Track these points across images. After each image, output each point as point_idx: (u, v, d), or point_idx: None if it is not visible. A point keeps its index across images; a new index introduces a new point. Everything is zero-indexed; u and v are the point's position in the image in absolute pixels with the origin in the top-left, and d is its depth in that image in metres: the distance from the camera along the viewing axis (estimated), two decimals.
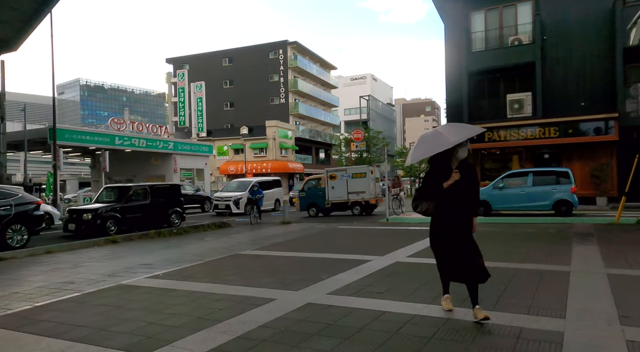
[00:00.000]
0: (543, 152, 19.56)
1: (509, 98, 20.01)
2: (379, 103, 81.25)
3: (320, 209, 18.98)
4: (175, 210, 15.80)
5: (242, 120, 50.81)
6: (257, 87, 53.05)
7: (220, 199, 21.42)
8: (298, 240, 11.05)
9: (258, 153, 47.96)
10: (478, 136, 21.72)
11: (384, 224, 14.51)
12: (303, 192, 19.52)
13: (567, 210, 15.00)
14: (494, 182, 16.36)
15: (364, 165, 19.61)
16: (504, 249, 8.41)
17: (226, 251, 9.46)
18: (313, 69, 57.38)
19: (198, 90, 35.29)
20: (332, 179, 18.58)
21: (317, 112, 58.86)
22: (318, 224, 15.00)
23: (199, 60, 55.96)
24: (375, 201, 18.47)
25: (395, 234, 11.55)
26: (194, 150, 34.33)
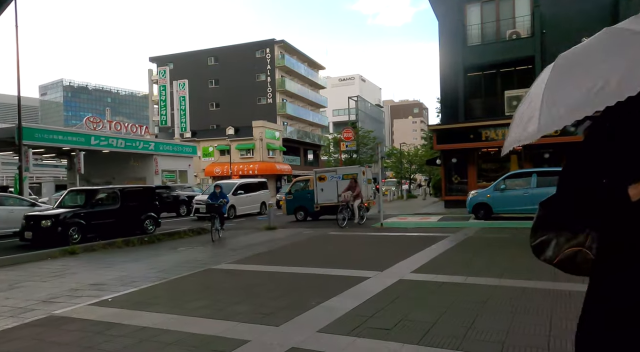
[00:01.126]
0: (543, 151, 18.54)
1: (507, 95, 18.97)
2: (367, 104, 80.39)
3: (308, 212, 17.71)
4: (149, 215, 14.37)
5: (229, 121, 49.31)
6: (243, 86, 51.61)
7: (201, 203, 19.98)
8: (283, 249, 9.76)
9: (244, 154, 46.51)
10: (474, 135, 20.78)
11: (378, 229, 13.28)
12: (290, 195, 18.21)
13: None
14: (494, 183, 15.28)
15: (355, 166, 18.37)
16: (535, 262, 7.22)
17: (198, 265, 8.13)
18: (301, 68, 56.13)
19: (181, 89, 33.78)
20: (321, 180, 17.32)
21: (305, 113, 57.60)
22: (306, 230, 13.72)
23: (184, 59, 54.29)
24: (367, 203, 17.26)
25: (392, 242, 10.32)
26: (176, 151, 32.80)
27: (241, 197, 20.76)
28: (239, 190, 20.76)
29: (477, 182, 19.50)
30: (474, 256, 7.82)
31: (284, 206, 18.24)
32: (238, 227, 16.23)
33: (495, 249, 8.65)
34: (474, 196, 15.38)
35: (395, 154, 47.31)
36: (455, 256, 7.89)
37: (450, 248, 8.86)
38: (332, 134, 39.11)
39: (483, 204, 15.08)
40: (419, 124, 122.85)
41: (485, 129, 18.97)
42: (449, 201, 20.20)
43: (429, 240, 10.20)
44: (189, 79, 52.45)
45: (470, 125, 19.33)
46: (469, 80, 20.12)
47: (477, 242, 9.65)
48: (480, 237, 10.43)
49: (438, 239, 10.19)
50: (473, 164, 19.69)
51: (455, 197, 19.89)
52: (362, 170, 17.22)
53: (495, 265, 6.98)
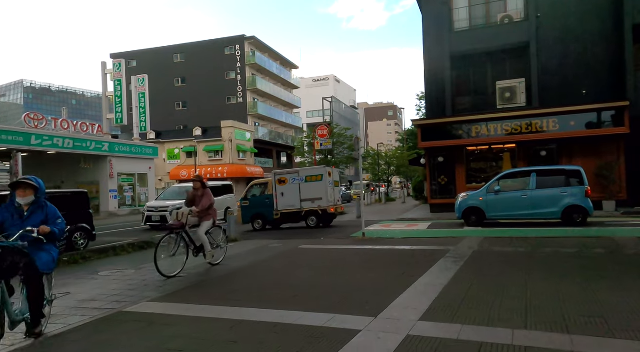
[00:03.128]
0: (539, 148, 16.73)
1: (498, 86, 17.10)
2: (342, 105, 78.56)
3: (267, 220, 15.34)
4: (80, 227, 11.70)
5: (196, 121, 46.37)
6: (212, 85, 48.76)
7: (154, 209, 17.29)
8: (240, 274, 7.35)
9: (213, 156, 43.65)
10: (464, 131, 18.85)
11: (360, 240, 11.00)
12: (246, 201, 15.74)
13: (582, 219, 12.08)
14: (488, 185, 13.27)
15: (320, 166, 16.04)
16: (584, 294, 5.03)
17: (106, 303, 5.63)
18: (273, 67, 53.62)
19: (140, 85, 30.82)
20: (282, 183, 14.97)
21: (278, 113, 55.07)
22: (273, 242, 11.32)
23: (148, 56, 51.05)
24: (334, 209, 15.03)
25: (380, 260, 8.04)
26: (135, 153, 29.84)
27: None
28: None
29: (466, 184, 17.53)
30: (498, 285, 5.62)
31: (239, 214, 15.77)
32: None
33: (519, 270, 6.49)
34: (464, 199, 13.34)
35: (372, 156, 45.37)
36: (474, 285, 5.66)
37: (459, 270, 6.65)
38: (306, 132, 36.41)
39: (475, 209, 13.07)
40: (393, 127, 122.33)
41: (475, 124, 17.03)
42: (435, 204, 18.16)
43: (426, 257, 7.98)
44: (154, 77, 49.18)
45: (458, 119, 17.37)
46: (457, 70, 18.17)
47: (491, 260, 7.48)
48: (490, 252, 8.28)
49: (437, 256, 7.99)
50: (462, 163, 17.71)
51: (442, 201, 17.86)
52: (328, 171, 14.97)
53: (539, 300, 4.78)
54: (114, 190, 27.76)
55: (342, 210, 16.02)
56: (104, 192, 27.48)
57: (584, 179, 12.30)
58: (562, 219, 12.20)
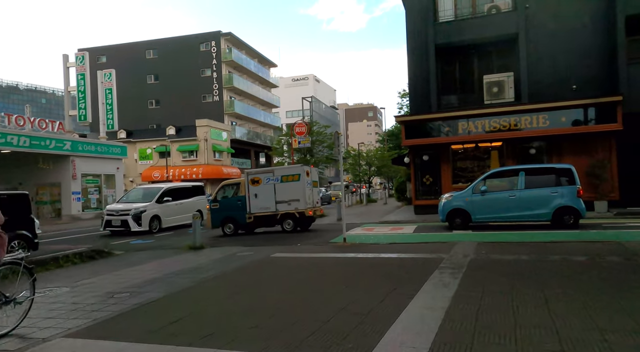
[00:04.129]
0: (528, 146, 15.89)
1: (485, 80, 16.21)
2: (322, 105, 77.48)
3: (239, 224, 14.02)
4: (20, 235, 10.19)
5: (170, 120, 44.53)
6: (186, 82, 46.95)
7: (114, 213, 15.74)
8: (194, 293, 6.05)
9: (187, 156, 41.92)
10: (450, 127, 17.87)
11: (340, 247, 9.81)
12: (216, 203, 14.35)
13: (574, 221, 11.21)
14: (473, 184, 12.29)
15: (296, 166, 14.79)
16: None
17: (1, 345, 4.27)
18: (250, 64, 52.09)
19: (107, 80, 28.98)
20: (255, 184, 13.67)
21: (255, 112, 53.55)
22: (242, 250, 10.03)
23: (118, 52, 48.88)
24: (313, 212, 13.83)
25: (364, 273, 6.84)
26: (101, 152, 27.99)
27: (169, 205, 16.69)
28: (166, 196, 16.66)
29: (452, 184, 16.57)
30: (513, 307, 4.51)
31: (208, 217, 14.40)
32: (155, 246, 12.25)
33: (531, 285, 5.40)
34: (448, 201, 12.32)
35: (353, 156, 44.34)
36: (483, 309, 4.53)
37: (459, 286, 5.52)
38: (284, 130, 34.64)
39: (460, 210, 12.07)
40: (373, 128, 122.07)
41: (462, 120, 16.07)
42: (420, 206, 17.14)
43: (417, 267, 6.85)
44: (125, 74, 47.13)
45: (444, 115, 16.38)
46: (442, 64, 17.22)
47: (493, 271, 6.38)
48: (489, 261, 7.20)
49: (430, 266, 6.88)
50: (447, 162, 16.74)
51: (427, 202, 16.85)
52: (306, 171, 13.75)
53: (572, 330, 3.67)
54: (77, 192, 25.90)
55: (322, 212, 14.86)
56: (66, 194, 25.61)
57: (575, 178, 11.44)
58: (553, 221, 11.31)
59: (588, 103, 14.64)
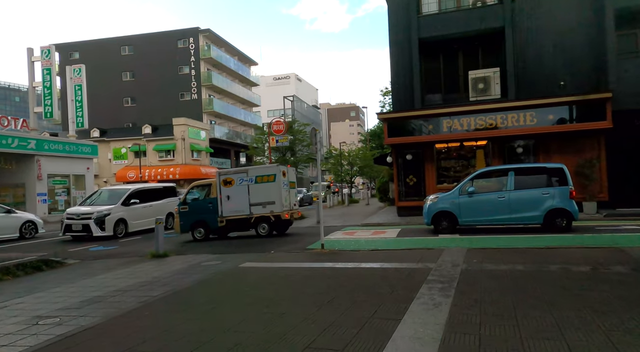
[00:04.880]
0: (515, 145, 15.28)
1: (471, 76, 15.54)
2: (304, 104, 76.59)
3: (210, 229, 13.02)
4: None
5: (147, 119, 42.99)
6: (163, 80, 45.41)
7: (74, 217, 14.52)
8: (141, 318, 5.08)
9: (164, 156, 40.48)
10: (433, 125, 17.18)
11: (317, 255, 8.92)
12: (185, 206, 13.29)
13: (566, 223, 10.58)
14: (460, 185, 11.55)
15: (272, 165, 13.83)
16: None
17: None
18: (230, 62, 50.78)
19: (77, 76, 27.49)
20: (227, 185, 12.68)
21: (236, 111, 52.25)
22: (209, 259, 9.06)
23: (92, 48, 47.04)
24: (289, 215, 12.92)
25: (343, 288, 5.95)
26: (70, 152, 26.50)
27: (137, 208, 15.54)
28: (133, 198, 15.52)
29: (436, 184, 15.86)
30: (521, 337, 3.68)
31: (177, 222, 13.34)
32: (116, 254, 11.16)
33: (537, 303, 4.61)
34: (433, 202, 11.56)
35: (335, 156, 43.53)
36: (484, 340, 3.70)
37: (452, 306, 4.69)
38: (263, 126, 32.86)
39: (446, 213, 11.33)
40: (356, 127, 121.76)
41: (447, 117, 15.36)
42: (403, 207, 16.38)
43: (402, 281, 6.02)
44: (99, 71, 45.40)
45: (428, 113, 15.65)
46: (426, 59, 16.50)
47: (489, 286, 5.57)
48: (482, 273, 6.40)
49: (417, 278, 6.06)
50: (432, 161, 16.02)
51: (410, 203, 16.12)
52: (282, 170, 12.83)
53: None
54: (42, 193, 24.41)
55: (300, 215, 13.97)
56: (30, 195, 24.09)
57: (567, 178, 10.80)
58: (544, 224, 10.66)
59: (576, 100, 14.08)
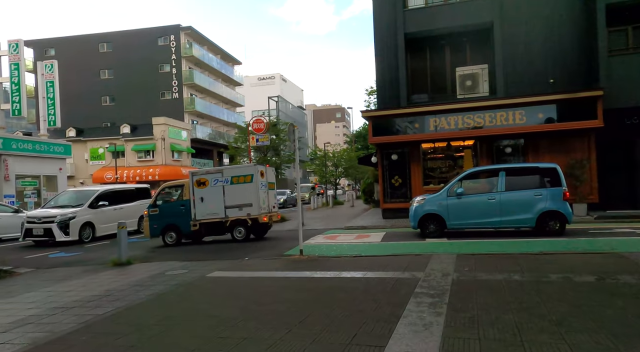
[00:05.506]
0: (504, 144, 14.75)
1: (458, 72, 14.97)
2: (289, 105, 75.85)
3: (182, 233, 12.18)
4: None
5: (126, 118, 41.66)
6: (144, 78, 44.14)
7: (35, 220, 13.48)
8: (72, 345, 4.24)
9: (143, 157, 39.23)
10: (419, 124, 16.54)
11: (295, 263, 8.16)
12: (155, 209, 12.39)
13: (560, 226, 10.02)
14: (448, 186, 10.90)
15: (249, 165, 13.00)
16: None
17: None
18: (213, 61, 49.70)
19: (48, 72, 26.21)
20: (201, 186, 11.85)
21: (219, 111, 51.16)
22: (176, 267, 8.22)
23: (69, 44, 45.50)
24: (268, 218, 12.13)
25: (319, 303, 5.18)
26: (41, 151, 25.19)
27: (105, 211, 14.56)
28: (102, 200, 14.54)
29: (423, 185, 15.24)
30: None
31: (146, 225, 12.43)
32: (76, 261, 10.23)
33: (542, 323, 3.94)
34: (419, 205, 10.90)
35: (319, 157, 42.88)
36: None
37: (445, 327, 3.98)
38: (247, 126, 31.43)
39: (433, 216, 10.68)
40: (341, 129, 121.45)
41: (433, 115, 14.75)
42: (388, 209, 15.72)
43: (387, 294, 5.30)
44: (76, 68, 43.98)
45: (414, 111, 15.01)
46: (412, 55, 15.90)
47: (484, 301, 4.88)
48: (476, 284, 5.72)
49: (403, 291, 5.35)
50: (418, 161, 15.40)
51: (395, 205, 15.48)
52: (260, 170, 12.02)
53: None
54: (10, 195, 23.09)
55: (279, 218, 13.18)
56: None
57: (560, 178, 10.26)
58: (537, 227, 10.08)
59: (566, 98, 13.59)
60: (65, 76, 45.27)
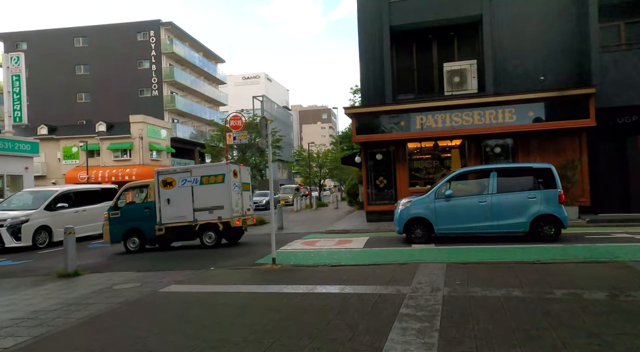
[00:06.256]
0: (493, 144, 14.05)
1: (446, 68, 14.22)
2: (274, 105, 74.69)
3: (146, 238, 11.14)
4: None
5: (103, 116, 40.07)
6: (122, 75, 42.63)
7: None
8: None
9: (120, 156, 37.78)
10: (405, 122, 15.68)
11: (266, 274, 7.24)
12: (116, 212, 11.33)
13: (555, 231, 9.29)
14: (436, 188, 10.09)
15: (220, 163, 11.89)
16: None
17: None
18: (195, 58, 48.38)
19: (14, 65, 24.79)
20: (168, 186, 10.83)
21: (201, 110, 49.85)
22: (128, 279, 7.23)
23: (43, 39, 43.71)
24: (241, 221, 11.14)
25: (287, 329, 4.27)
26: (5, 149, 23.67)
27: (65, 213, 13.41)
28: (61, 202, 13.38)
29: (408, 187, 14.45)
30: None
31: (106, 230, 11.36)
32: (21, 271, 9.13)
33: None
34: (405, 208, 10.07)
35: (304, 157, 41.94)
36: None
37: None
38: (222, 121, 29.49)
39: (420, 220, 9.85)
40: (327, 130, 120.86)
41: (420, 113, 13.97)
42: (372, 212, 14.89)
43: (367, 316, 4.41)
44: (51, 63, 42.30)
45: (399, 108, 14.21)
46: (398, 49, 15.10)
47: (484, 325, 4.04)
48: (471, 302, 4.88)
49: (386, 312, 4.48)
50: (403, 161, 14.60)
51: (380, 207, 14.67)
52: (233, 170, 11.05)
53: None
54: None
55: (254, 221, 12.21)
56: None
57: (556, 180, 9.53)
58: (530, 232, 9.34)
59: (558, 96, 12.94)
60: (38, 71, 43.62)
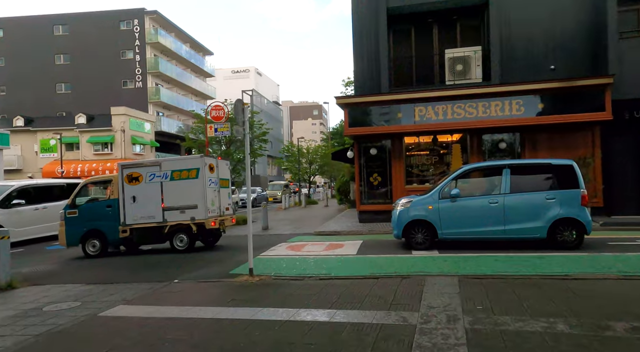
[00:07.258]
0: (497, 138, 12.87)
1: (448, 55, 13.00)
2: (264, 100, 73.17)
3: (109, 241, 9.72)
4: None
5: (84, 108, 38.28)
6: (104, 65, 40.84)
7: None
8: None
9: (100, 149, 36.09)
10: (402, 114, 14.20)
11: (239, 289, 5.93)
12: (73, 210, 9.92)
13: (577, 238, 8.09)
14: (441, 186, 8.83)
15: (194, 156, 10.18)
16: None
17: None
18: (181, 49, 46.64)
19: None
20: (133, 182, 9.45)
21: (187, 103, 48.12)
22: (66, 296, 5.88)
23: (19, 25, 41.68)
24: (217, 222, 9.76)
25: None
26: None
27: (22, 211, 11.94)
28: (17, 198, 11.91)
29: (405, 185, 13.22)
30: None
31: (62, 231, 9.92)
32: None
33: None
34: (404, 209, 8.81)
35: (293, 153, 40.61)
36: None
37: None
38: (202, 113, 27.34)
39: (421, 222, 8.60)
40: (318, 126, 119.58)
41: (419, 104, 12.71)
42: (365, 212, 13.64)
43: None
44: (28, 52, 40.41)
45: (396, 98, 12.94)
46: (395, 35, 13.83)
47: None
48: (509, 343, 3.62)
49: None
50: (400, 157, 13.36)
51: (374, 207, 13.44)
52: (209, 164, 9.67)
53: None
54: None
55: (233, 222, 10.85)
56: None
57: (578, 178, 8.31)
58: (548, 238, 8.13)
59: (570, 86, 11.78)
60: (14, 60, 41.63)
